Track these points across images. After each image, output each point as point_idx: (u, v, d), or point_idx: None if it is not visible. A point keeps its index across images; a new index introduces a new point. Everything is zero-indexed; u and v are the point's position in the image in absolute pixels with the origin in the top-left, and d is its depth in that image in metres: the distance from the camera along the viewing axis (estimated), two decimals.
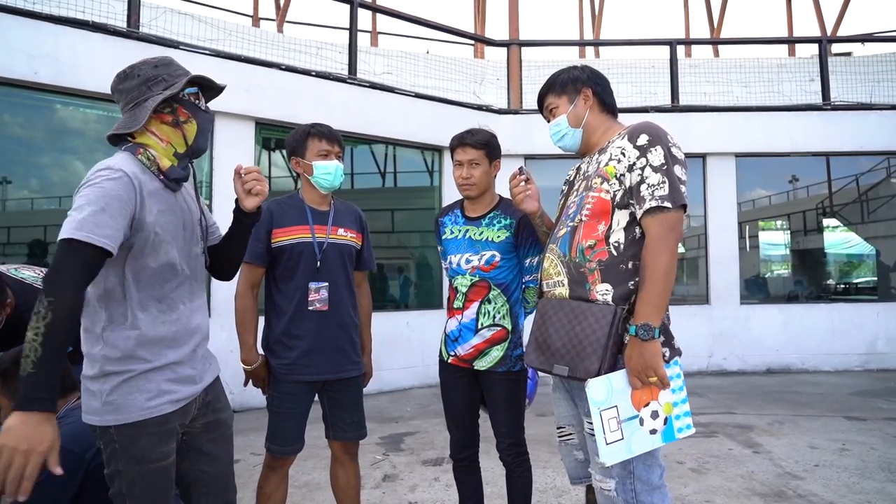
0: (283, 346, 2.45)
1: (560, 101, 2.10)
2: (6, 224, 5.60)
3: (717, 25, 14.80)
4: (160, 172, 1.71)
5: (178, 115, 1.72)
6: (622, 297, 1.82)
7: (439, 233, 2.71)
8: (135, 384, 1.63)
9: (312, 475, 3.88)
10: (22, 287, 2.78)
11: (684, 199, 1.79)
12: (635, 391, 1.76)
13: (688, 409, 1.85)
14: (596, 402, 1.73)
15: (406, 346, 6.99)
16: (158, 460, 1.66)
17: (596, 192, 1.91)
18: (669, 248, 1.75)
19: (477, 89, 8.88)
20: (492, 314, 2.48)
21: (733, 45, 11.03)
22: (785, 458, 4.17)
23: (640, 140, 1.85)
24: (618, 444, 1.73)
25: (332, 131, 2.56)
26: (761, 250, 9.72)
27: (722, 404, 5.98)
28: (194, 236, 1.83)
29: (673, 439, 1.81)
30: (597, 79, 2.11)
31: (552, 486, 3.66)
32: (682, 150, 1.88)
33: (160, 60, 1.75)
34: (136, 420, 1.61)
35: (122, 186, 1.59)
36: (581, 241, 1.90)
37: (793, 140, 8.18)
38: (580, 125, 2.07)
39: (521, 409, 2.56)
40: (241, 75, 6.07)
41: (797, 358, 7.93)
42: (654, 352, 1.72)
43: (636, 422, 1.76)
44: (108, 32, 5.38)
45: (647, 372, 1.73)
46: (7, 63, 4.93)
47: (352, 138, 7.11)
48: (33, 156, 5.52)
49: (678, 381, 1.83)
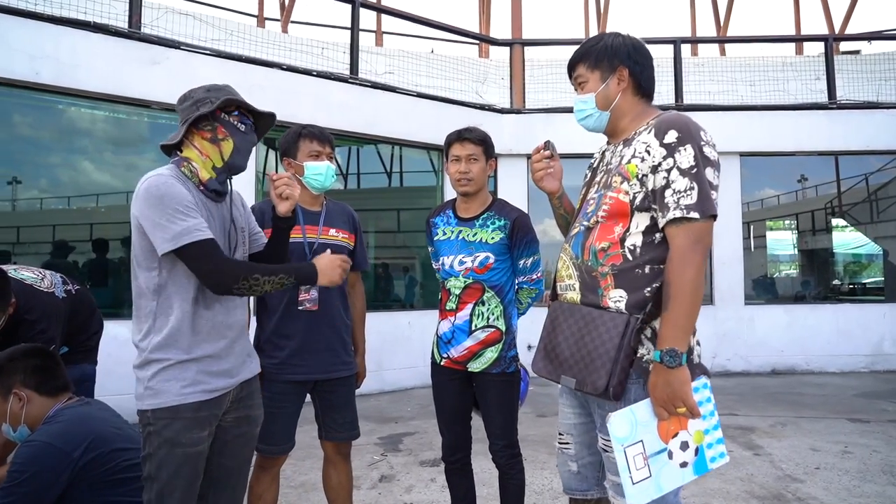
0: (273, 346, 2.45)
1: (591, 76, 1.84)
2: (16, 223, 5.64)
3: (723, 24, 14.72)
4: (200, 184, 1.88)
5: (216, 132, 1.89)
6: (636, 304, 1.64)
7: (431, 233, 2.69)
8: (171, 373, 1.77)
9: (309, 475, 3.87)
10: (22, 288, 2.81)
11: (714, 209, 1.58)
12: (662, 422, 1.58)
13: (720, 435, 1.65)
14: (619, 438, 1.55)
15: (407, 345, 6.98)
16: (188, 445, 1.78)
17: (614, 193, 1.72)
18: (696, 263, 1.56)
19: (480, 89, 8.85)
20: (486, 315, 2.46)
21: (738, 43, 10.95)
22: (785, 461, 4.13)
23: (667, 137, 1.63)
24: (645, 483, 1.55)
25: (322, 132, 2.56)
26: (768, 250, 9.65)
27: (724, 406, 5.94)
28: (236, 242, 1.99)
29: (706, 471, 1.62)
30: (637, 56, 1.82)
31: (548, 487, 3.64)
32: (717, 150, 1.66)
33: (214, 86, 1.93)
34: (170, 405, 1.75)
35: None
36: (594, 244, 1.74)
37: (797, 139, 8.12)
38: (609, 108, 1.83)
39: (515, 410, 2.54)
40: (241, 75, 6.06)
41: (802, 359, 7.87)
42: (682, 380, 1.54)
43: (664, 455, 1.58)
44: (108, 33, 5.39)
45: (674, 402, 1.55)
46: (8, 64, 4.96)
47: (353, 138, 7.11)
48: (40, 156, 5.57)
49: (709, 405, 1.62)
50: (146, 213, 1.74)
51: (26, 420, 2.17)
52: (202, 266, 1.75)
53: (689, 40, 10.92)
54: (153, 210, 1.73)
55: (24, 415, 2.16)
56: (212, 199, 1.91)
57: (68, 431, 2.07)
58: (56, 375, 2.23)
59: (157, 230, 1.73)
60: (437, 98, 7.63)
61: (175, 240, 1.72)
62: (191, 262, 1.75)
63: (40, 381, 2.17)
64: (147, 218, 1.74)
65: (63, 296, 2.97)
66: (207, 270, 1.75)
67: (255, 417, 2.05)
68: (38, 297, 2.83)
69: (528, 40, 9.05)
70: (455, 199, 2.66)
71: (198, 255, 1.74)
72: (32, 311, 2.77)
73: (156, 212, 1.73)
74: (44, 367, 2.20)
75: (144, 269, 1.80)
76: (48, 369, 2.21)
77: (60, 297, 2.95)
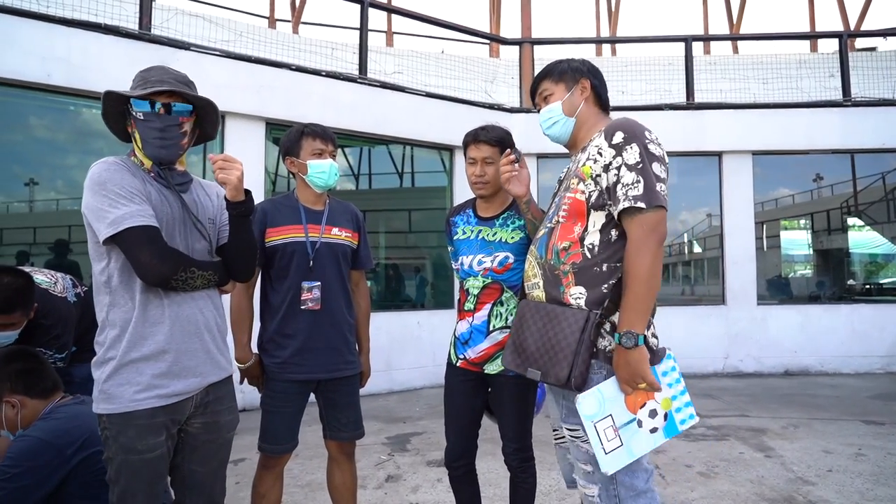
0: (276, 345, 2.44)
1: (556, 88, 2.05)
2: (32, 224, 5.70)
3: (736, 22, 14.58)
4: (148, 171, 1.83)
5: (131, 125, 1.82)
6: (595, 300, 1.78)
7: (450, 233, 2.65)
8: (125, 375, 1.70)
9: (316, 475, 3.87)
10: (39, 292, 2.83)
11: (660, 200, 1.72)
12: (629, 396, 1.73)
13: (688, 399, 1.80)
14: (588, 416, 1.69)
15: (417, 345, 6.97)
16: (143, 452, 1.71)
17: (572, 193, 1.88)
18: (651, 251, 1.68)
19: (489, 88, 8.83)
20: (504, 316, 2.41)
21: (750, 40, 10.82)
22: (797, 463, 4.07)
23: (615, 138, 1.79)
24: (617, 451, 1.70)
25: (325, 130, 2.55)
26: (782, 250, 9.54)
27: (736, 407, 5.87)
28: (196, 232, 1.88)
29: (676, 433, 1.78)
30: (596, 73, 2.07)
31: (556, 488, 3.61)
32: (662, 147, 1.82)
33: (155, 67, 1.85)
34: (123, 411, 1.68)
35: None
36: (556, 243, 1.88)
37: (810, 137, 8.01)
38: (574, 114, 2.02)
39: (530, 414, 2.49)
40: (250, 76, 6.10)
41: (816, 360, 7.76)
42: (639, 358, 1.68)
43: (634, 425, 1.73)
44: (119, 34, 5.43)
45: (635, 379, 1.70)
46: (21, 66, 5.01)
47: (362, 138, 7.11)
48: (56, 157, 5.63)
49: (674, 374, 1.78)
50: (90, 200, 1.69)
51: (23, 424, 2.15)
52: (140, 254, 1.67)
53: (701, 38, 10.81)
54: (95, 197, 1.68)
55: (21, 419, 2.15)
56: (164, 185, 1.83)
57: (63, 428, 2.06)
58: (43, 376, 2.22)
59: (98, 216, 1.67)
60: (445, 97, 7.61)
61: (114, 225, 1.65)
62: (129, 250, 1.68)
63: (29, 385, 2.16)
64: (90, 205, 1.69)
65: (74, 300, 2.98)
66: (145, 259, 1.67)
67: (223, 423, 1.95)
68: (53, 301, 2.84)
69: (537, 39, 9.01)
70: (475, 198, 2.62)
71: (137, 242, 1.66)
72: (48, 317, 2.78)
73: (97, 198, 1.68)
74: (29, 369, 2.18)
75: (96, 261, 1.75)
76: (34, 371, 2.19)
77: (72, 301, 2.96)
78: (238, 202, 1.86)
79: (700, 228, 9.20)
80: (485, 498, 3.24)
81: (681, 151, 7.98)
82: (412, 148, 7.73)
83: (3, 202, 5.53)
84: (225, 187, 1.83)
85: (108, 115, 1.84)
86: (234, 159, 1.84)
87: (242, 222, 1.92)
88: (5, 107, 5.23)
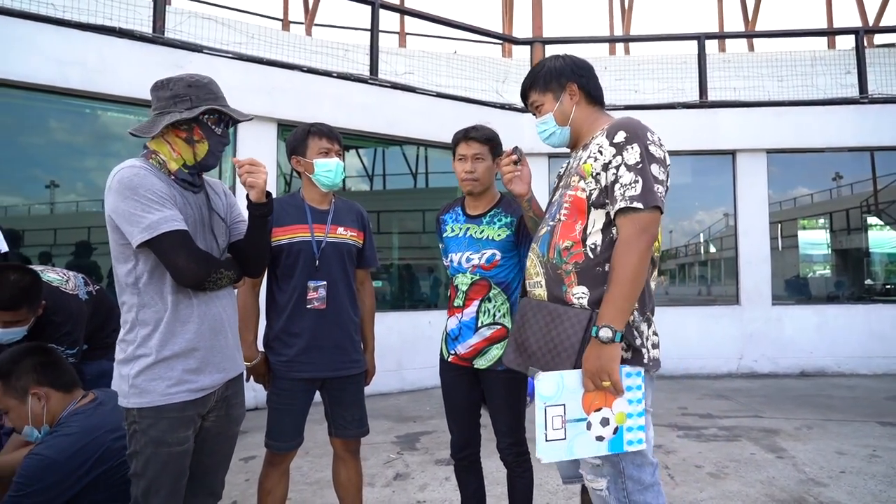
0: (282, 344, 2.47)
1: (545, 99, 2.02)
2: (53, 226, 5.81)
3: (751, 19, 14.43)
4: (170, 174, 1.87)
5: (192, 134, 1.86)
6: (598, 300, 1.77)
7: (440, 230, 2.70)
8: (157, 371, 1.76)
9: (325, 472, 3.89)
10: (49, 290, 2.88)
11: (657, 201, 1.71)
12: (587, 393, 1.71)
13: (643, 423, 1.76)
14: (543, 396, 1.69)
15: (428, 345, 6.97)
16: (173, 445, 1.78)
17: (573, 191, 1.87)
18: (639, 250, 1.68)
19: (501, 88, 8.83)
20: (492, 313, 2.46)
21: (764, 38, 10.67)
22: (809, 464, 4.03)
23: (617, 137, 1.78)
24: (558, 444, 1.69)
25: (331, 129, 2.58)
26: (800, 249, 9.42)
27: (749, 407, 5.82)
28: (213, 233, 1.95)
29: (620, 450, 1.74)
30: (580, 70, 2.00)
31: (563, 487, 3.60)
32: (664, 149, 1.81)
33: (196, 81, 1.87)
34: (156, 404, 1.75)
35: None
36: (559, 242, 1.87)
37: (826, 135, 7.89)
38: (567, 122, 2.00)
39: (522, 408, 2.53)
40: (262, 77, 6.16)
41: (832, 361, 7.66)
42: (611, 356, 1.67)
43: (583, 425, 1.72)
44: (133, 38, 5.52)
45: (600, 375, 1.68)
46: (38, 70, 5.11)
47: (373, 139, 7.15)
48: (75, 160, 5.74)
49: (637, 392, 1.75)
50: (119, 204, 1.72)
51: (48, 419, 2.18)
52: (177, 259, 1.72)
53: (714, 36, 10.71)
54: (127, 201, 1.71)
55: (46, 413, 2.17)
56: (185, 188, 1.89)
57: (76, 447, 2.07)
58: (64, 369, 2.25)
59: (131, 221, 1.71)
60: (456, 98, 7.62)
61: (150, 230, 1.69)
62: (164, 254, 1.73)
63: (53, 377, 2.19)
64: (120, 210, 1.72)
65: (86, 297, 3.04)
66: (182, 263, 1.72)
67: (236, 416, 2.04)
68: (64, 299, 2.90)
69: (548, 38, 9.00)
70: (464, 196, 2.65)
71: (172, 247, 1.71)
72: (59, 313, 2.83)
73: (129, 203, 1.71)
74: (51, 362, 2.22)
75: (121, 263, 1.79)
76: (55, 364, 2.23)
77: (84, 298, 3.02)
78: (261, 204, 1.95)
79: (717, 228, 9.12)
80: (493, 496, 3.25)
81: (694, 150, 7.92)
82: (425, 149, 7.76)
83: (25, 204, 5.64)
84: (251, 191, 1.92)
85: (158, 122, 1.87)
86: (259, 163, 1.94)
87: (262, 223, 2.00)
88: (25, 110, 5.34)
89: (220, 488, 2.06)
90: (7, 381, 2.15)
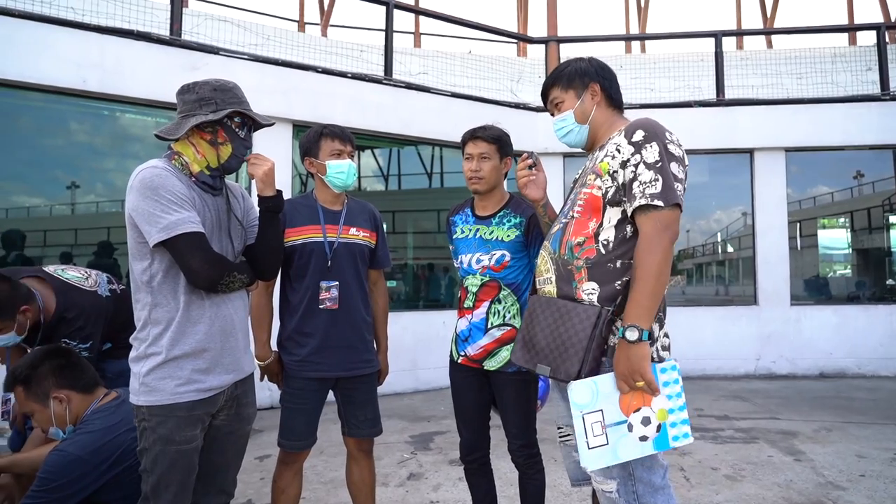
0: (295, 343, 2.49)
1: (566, 96, 2.02)
2: (74, 226, 5.90)
3: (770, 16, 14.24)
4: (192, 176, 1.90)
5: (217, 136, 1.90)
6: (608, 297, 1.76)
7: (450, 232, 2.69)
8: (167, 370, 1.78)
9: (339, 472, 3.91)
10: (63, 287, 2.90)
11: (678, 198, 1.71)
12: (624, 395, 1.70)
13: (685, 416, 1.75)
14: (578, 405, 1.67)
15: (442, 345, 6.92)
16: (181, 443, 1.80)
17: (588, 189, 1.86)
18: (663, 248, 1.67)
19: (515, 87, 8.80)
20: (502, 314, 2.45)
21: (783, 34, 10.55)
22: (828, 467, 3.97)
23: (635, 136, 1.78)
24: (602, 449, 1.67)
25: (343, 131, 2.59)
26: (820, 249, 9.28)
27: (766, 409, 5.75)
28: (229, 236, 1.98)
29: (667, 447, 1.73)
30: (605, 73, 2.02)
31: (576, 489, 3.58)
32: (682, 148, 1.80)
33: (221, 85, 1.92)
34: (165, 403, 1.77)
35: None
36: (570, 238, 1.86)
37: (846, 132, 7.77)
38: (587, 121, 2.00)
39: (532, 410, 2.51)
40: (277, 79, 6.20)
41: (853, 362, 7.54)
42: (641, 355, 1.66)
43: (624, 427, 1.69)
44: (151, 40, 5.58)
45: (633, 376, 1.67)
46: (57, 72, 5.19)
47: (387, 139, 7.16)
48: (95, 161, 5.82)
49: (676, 386, 1.74)
50: (139, 203, 1.75)
51: (72, 420, 2.23)
52: (191, 260, 1.75)
53: (732, 33, 10.58)
54: (147, 201, 1.74)
55: (69, 414, 2.22)
56: (205, 190, 1.92)
57: (98, 443, 2.12)
58: (83, 370, 2.28)
59: (150, 220, 1.74)
60: (470, 97, 7.61)
61: (167, 230, 1.72)
62: (180, 255, 1.75)
63: (73, 379, 2.22)
64: (140, 208, 1.75)
65: (108, 294, 3.05)
66: (196, 265, 1.75)
67: (247, 416, 2.06)
68: (77, 295, 2.89)
69: (563, 37, 8.95)
70: (474, 197, 2.65)
71: (188, 248, 1.74)
72: (71, 309, 2.84)
73: (149, 202, 1.74)
74: (69, 364, 2.25)
75: (138, 261, 1.82)
76: (74, 366, 2.26)
77: (104, 295, 3.03)
78: (268, 197, 1.99)
79: (734, 228, 9.02)
80: (505, 497, 3.24)
81: (711, 149, 7.84)
82: (440, 148, 7.75)
83: (47, 205, 5.73)
84: (255, 181, 1.98)
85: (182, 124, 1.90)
86: (264, 157, 2.00)
87: (271, 219, 2.04)
88: (45, 112, 5.42)
89: (231, 487, 2.08)
90: (28, 386, 2.19)
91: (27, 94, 5.24)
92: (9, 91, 5.17)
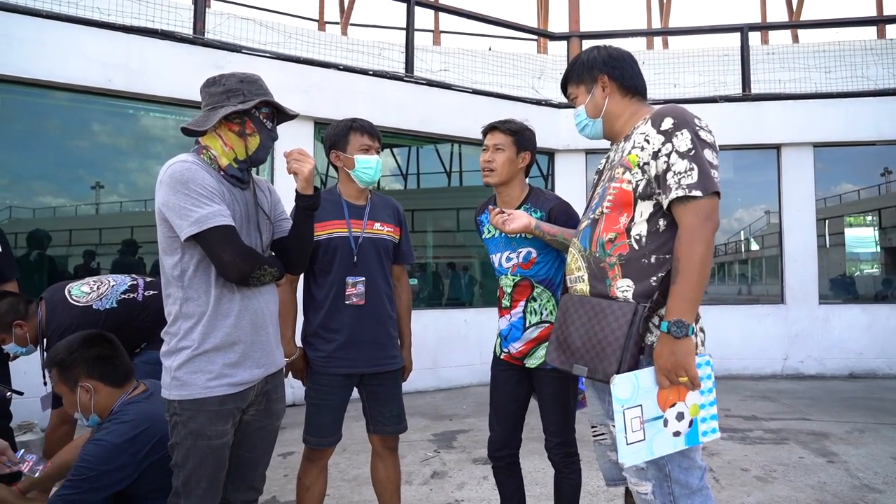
0: (320, 339, 2.47)
1: (579, 91, 1.99)
2: (98, 226, 5.97)
3: (796, 9, 13.96)
4: (220, 169, 1.89)
5: (245, 127, 1.89)
6: (643, 293, 1.70)
7: (480, 232, 2.67)
8: (198, 364, 1.78)
9: (363, 469, 3.90)
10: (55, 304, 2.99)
11: (716, 186, 1.64)
12: (662, 390, 1.65)
13: (715, 412, 1.72)
14: (620, 399, 1.62)
15: (464, 343, 6.96)
16: (212, 437, 1.80)
17: (617, 183, 1.80)
18: (705, 239, 1.61)
19: (537, 84, 8.73)
20: (538, 311, 2.43)
21: (808, 28, 10.31)
22: (863, 469, 3.87)
23: (664, 124, 1.71)
24: (638, 445, 1.63)
25: (372, 126, 2.56)
26: (847, 247, 9.08)
27: (796, 410, 5.62)
28: (258, 230, 1.98)
29: (697, 443, 1.70)
30: (614, 62, 1.94)
31: (604, 489, 3.53)
32: (713, 134, 1.73)
33: (247, 77, 1.91)
34: (196, 397, 1.77)
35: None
36: (601, 235, 1.81)
37: (878, 127, 7.58)
38: (599, 115, 1.95)
39: (571, 408, 2.48)
40: (299, 77, 6.21)
41: (884, 362, 7.36)
42: (686, 350, 1.60)
43: (660, 422, 1.65)
44: (175, 39, 5.63)
45: (677, 371, 1.61)
46: (84, 72, 5.25)
47: (408, 136, 7.14)
48: (119, 161, 5.89)
49: (708, 382, 1.70)
50: (170, 198, 1.75)
51: (97, 410, 2.22)
52: (223, 253, 1.74)
53: (758, 27, 10.40)
54: (177, 195, 1.74)
55: (94, 405, 2.22)
56: (234, 184, 1.92)
57: (134, 432, 2.12)
58: (118, 364, 2.28)
59: (181, 214, 1.73)
60: (492, 94, 7.56)
61: (198, 224, 1.72)
62: (212, 249, 1.75)
63: (104, 372, 2.23)
64: (170, 203, 1.75)
65: (112, 306, 3.02)
66: (228, 258, 1.75)
67: (276, 411, 2.04)
68: (65, 310, 2.95)
69: (585, 33, 8.85)
70: (495, 195, 2.61)
71: (219, 241, 1.74)
72: (51, 324, 2.94)
73: (180, 196, 1.74)
74: (104, 356, 2.25)
75: (169, 255, 1.81)
76: (109, 359, 2.26)
77: (104, 308, 3.00)
78: (307, 195, 1.98)
79: (758, 226, 8.86)
80: (531, 497, 3.20)
81: (736, 145, 7.70)
82: (460, 146, 7.72)
83: (72, 205, 5.80)
84: (296, 178, 1.95)
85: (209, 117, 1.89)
86: (308, 154, 1.97)
87: (307, 217, 2.03)
88: (71, 112, 5.49)
89: (260, 483, 2.07)
90: (62, 369, 2.20)
91: (53, 93, 5.31)
92: (37, 91, 5.24)
